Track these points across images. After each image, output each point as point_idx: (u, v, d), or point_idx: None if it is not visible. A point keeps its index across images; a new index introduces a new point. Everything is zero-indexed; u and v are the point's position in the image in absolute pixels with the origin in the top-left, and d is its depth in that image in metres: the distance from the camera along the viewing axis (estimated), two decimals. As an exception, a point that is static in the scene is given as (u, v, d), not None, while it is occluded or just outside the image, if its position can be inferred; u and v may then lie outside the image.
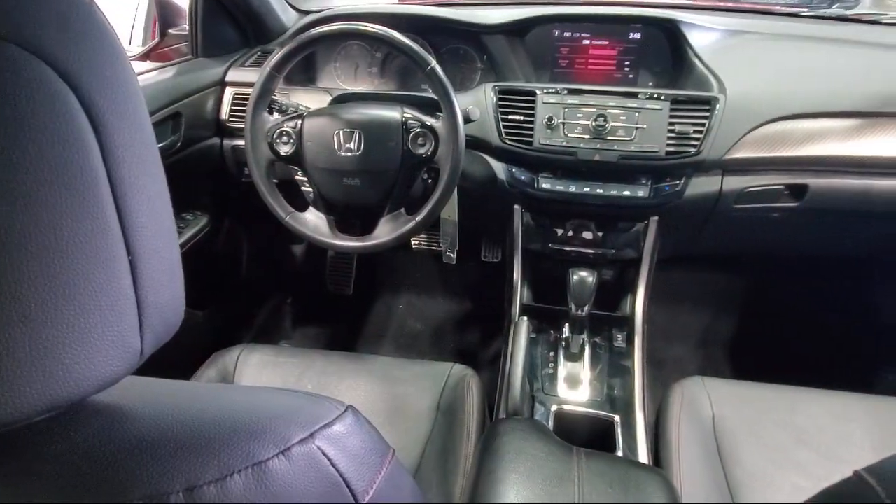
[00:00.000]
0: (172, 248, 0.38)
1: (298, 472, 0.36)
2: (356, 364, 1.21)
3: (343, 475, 0.38)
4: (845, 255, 1.59)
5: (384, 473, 0.43)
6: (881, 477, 0.41)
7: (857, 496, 0.42)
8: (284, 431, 0.37)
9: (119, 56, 0.35)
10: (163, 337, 0.38)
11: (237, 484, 0.33)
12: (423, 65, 1.08)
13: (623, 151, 1.20)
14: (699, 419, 1.07)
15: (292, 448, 0.36)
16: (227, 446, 0.34)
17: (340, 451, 0.39)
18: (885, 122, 1.19)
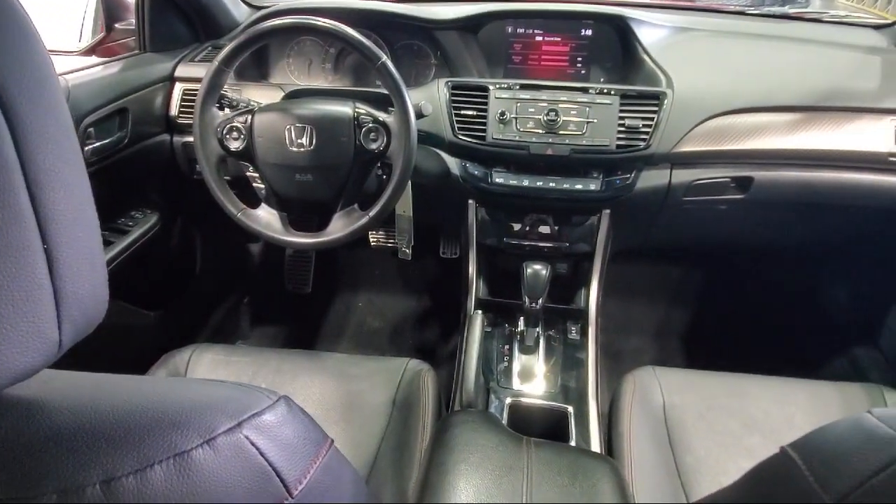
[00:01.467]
0: (93, 238, 0.37)
1: (224, 461, 0.35)
2: (311, 362, 1.19)
3: (273, 465, 0.38)
4: (791, 246, 1.63)
5: (320, 464, 0.42)
6: (802, 451, 0.42)
7: (782, 470, 0.43)
8: (210, 421, 0.36)
9: (31, 39, 0.34)
10: (84, 329, 0.36)
11: (157, 475, 0.32)
12: (373, 59, 1.07)
13: (575, 145, 1.21)
14: (650, 408, 1.09)
15: (218, 438, 0.35)
16: (148, 437, 0.34)
17: (271, 440, 0.38)
18: (824, 117, 1.23)
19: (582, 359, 1.30)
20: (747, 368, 1.18)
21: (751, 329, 1.82)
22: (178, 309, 1.64)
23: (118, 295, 1.41)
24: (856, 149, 1.22)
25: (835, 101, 1.24)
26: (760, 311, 1.84)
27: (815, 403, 1.08)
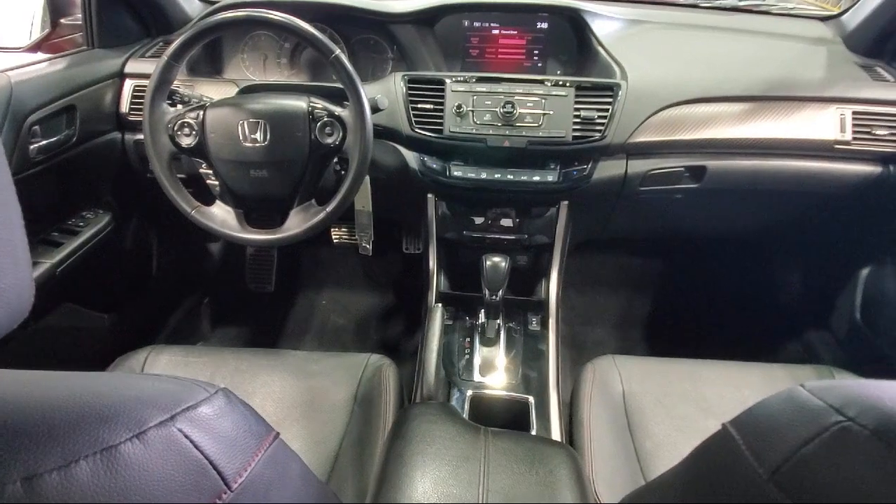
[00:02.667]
0: (15, 232, 0.36)
1: (156, 455, 0.34)
2: (270, 360, 1.18)
3: (210, 458, 0.37)
4: (745, 233, 1.67)
5: (262, 456, 0.42)
6: (740, 426, 0.43)
7: (722, 446, 0.44)
8: (141, 415, 0.35)
9: None
10: (7, 324, 0.35)
11: (83, 471, 0.31)
12: (326, 53, 1.06)
13: (531, 137, 1.22)
14: (610, 396, 1.10)
15: (148, 431, 0.34)
16: (73, 433, 0.33)
17: (207, 433, 0.38)
18: (773, 106, 1.26)
19: (543, 350, 1.31)
20: (705, 354, 1.20)
21: (709, 316, 1.85)
22: (135, 311, 1.60)
23: (69, 297, 1.37)
24: (803, 137, 1.25)
25: (783, 90, 1.27)
26: (718, 298, 1.88)
27: (767, 385, 1.11)
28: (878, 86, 1.27)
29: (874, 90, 1.26)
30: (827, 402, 0.38)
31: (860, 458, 0.34)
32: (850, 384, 0.39)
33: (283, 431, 1.09)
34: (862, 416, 0.35)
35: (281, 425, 1.06)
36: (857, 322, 1.44)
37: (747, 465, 0.40)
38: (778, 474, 0.37)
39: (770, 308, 1.79)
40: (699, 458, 0.48)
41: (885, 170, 1.26)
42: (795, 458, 0.37)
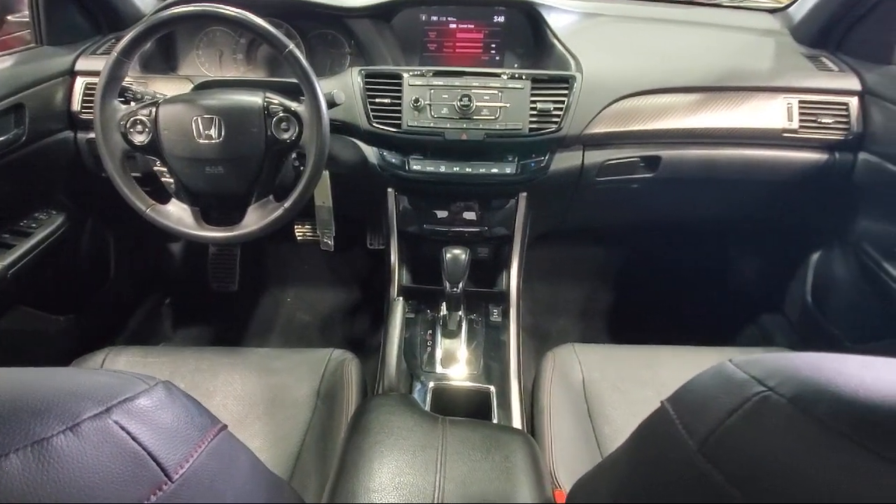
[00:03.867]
0: None
1: (90, 448, 0.34)
2: (232, 358, 1.17)
3: (148, 450, 0.37)
4: (701, 222, 1.71)
5: (206, 448, 0.42)
6: (674, 402, 0.45)
7: (659, 421, 0.45)
8: (74, 407, 0.35)
9: None
10: None
11: (13, 464, 0.31)
12: (280, 48, 1.06)
13: (488, 130, 1.23)
14: (570, 383, 1.12)
15: (82, 424, 0.34)
16: (4, 426, 0.32)
17: (145, 425, 0.38)
18: (723, 96, 1.29)
19: (504, 340, 1.32)
20: (665, 340, 1.23)
21: (668, 302, 1.89)
22: (92, 312, 1.57)
23: (22, 300, 1.34)
24: (753, 126, 1.28)
25: (733, 81, 1.30)
26: (677, 285, 1.92)
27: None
28: (823, 75, 1.31)
29: (819, 80, 1.30)
30: (750, 375, 0.40)
31: (778, 426, 0.36)
32: (773, 357, 0.41)
33: (244, 429, 1.08)
34: (781, 386, 0.37)
35: (242, 423, 1.05)
36: (808, 305, 1.49)
37: (680, 438, 0.41)
38: (706, 445, 0.39)
39: (727, 294, 1.84)
40: (641, 436, 0.49)
41: (831, 157, 1.30)
42: (721, 430, 0.38)
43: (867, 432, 0.32)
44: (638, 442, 0.50)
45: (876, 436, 0.32)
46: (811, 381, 0.36)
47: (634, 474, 0.49)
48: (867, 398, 0.34)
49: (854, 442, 0.33)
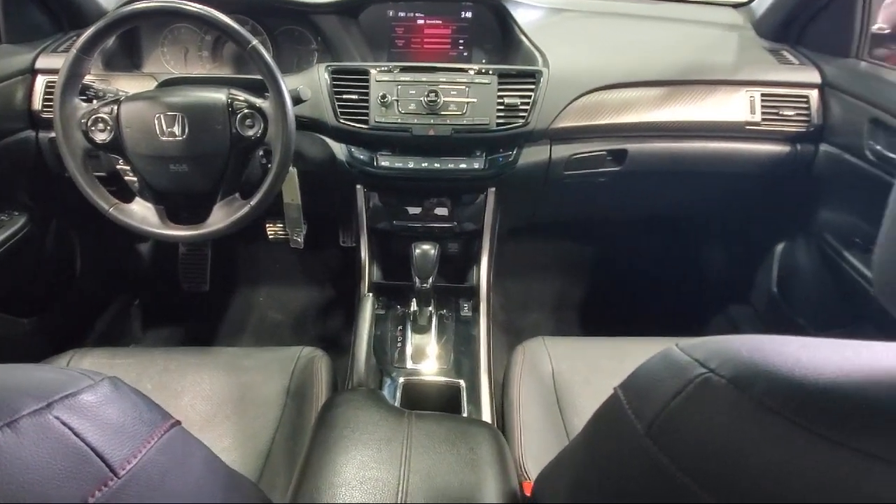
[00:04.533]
0: None
1: (30, 444, 0.33)
2: (200, 358, 1.16)
3: (92, 446, 0.36)
4: (668, 214, 1.73)
5: (156, 443, 0.41)
6: (625, 387, 0.45)
7: (611, 407, 0.46)
8: (13, 403, 0.34)
9: None
10: None
11: None
12: (243, 43, 1.05)
13: (456, 125, 1.23)
14: (540, 376, 1.13)
15: (21, 420, 0.34)
16: None
17: (88, 421, 0.37)
18: (688, 90, 1.30)
19: (475, 335, 1.33)
20: (636, 332, 1.24)
21: (639, 294, 1.91)
22: (58, 315, 1.54)
23: None
24: (717, 119, 1.30)
25: (697, 75, 1.31)
26: (648, 277, 1.94)
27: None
28: (784, 69, 1.33)
29: (780, 73, 1.32)
30: (693, 357, 0.40)
31: (718, 406, 0.37)
32: (716, 339, 0.42)
33: (213, 428, 1.08)
34: (721, 367, 0.38)
35: (211, 422, 1.04)
36: (774, 295, 1.52)
37: (629, 422, 0.42)
38: (652, 428, 0.39)
39: (696, 284, 1.86)
40: (595, 423, 0.50)
41: (793, 149, 1.32)
42: (665, 412, 0.39)
43: (800, 409, 0.33)
44: (593, 429, 0.50)
45: (808, 412, 0.33)
46: (750, 362, 0.37)
47: (590, 461, 0.50)
48: (802, 376, 0.35)
49: (787, 419, 0.33)
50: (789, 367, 0.35)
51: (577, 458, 0.54)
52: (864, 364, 0.35)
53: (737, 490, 0.34)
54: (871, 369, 0.35)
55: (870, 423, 0.32)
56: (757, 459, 0.34)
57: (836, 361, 0.35)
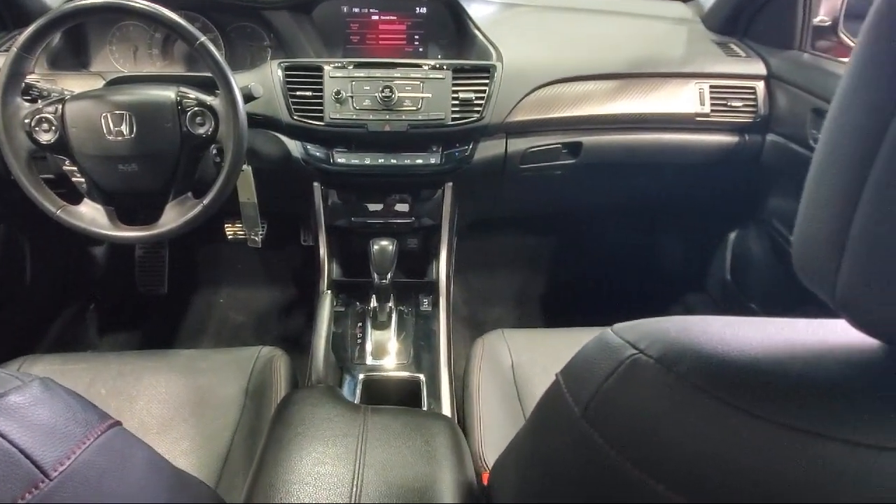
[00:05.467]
0: None
1: None
2: (156, 361, 1.14)
3: (21, 447, 0.36)
4: (625, 205, 1.76)
5: (91, 444, 0.41)
6: (564, 372, 0.46)
7: (552, 392, 0.47)
8: None
9: None
10: None
11: None
12: (191, 40, 1.03)
13: (411, 121, 1.23)
14: (499, 368, 1.14)
15: None
16: None
17: (16, 423, 0.36)
18: (639, 82, 1.33)
19: (434, 329, 1.33)
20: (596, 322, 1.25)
21: (600, 285, 1.94)
22: (7, 322, 1.50)
23: None
24: (667, 111, 1.33)
25: (648, 67, 1.34)
26: (607, 268, 1.97)
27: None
28: (732, 61, 1.37)
29: (728, 65, 1.36)
30: (625, 339, 0.41)
31: (647, 385, 0.38)
32: (648, 321, 0.43)
33: (170, 432, 1.06)
34: (650, 348, 0.39)
35: (168, 426, 1.03)
36: (728, 282, 1.56)
37: (567, 406, 0.42)
38: (588, 410, 0.40)
39: (654, 274, 1.90)
40: (539, 409, 0.51)
41: (742, 139, 1.36)
42: (599, 394, 0.40)
43: (722, 385, 0.34)
44: (536, 416, 0.51)
45: (729, 388, 0.34)
46: (676, 342, 0.38)
47: (535, 447, 0.51)
48: (724, 354, 0.36)
49: (710, 395, 0.34)
50: (713, 346, 0.36)
51: (525, 445, 0.55)
52: (783, 340, 0.37)
53: (664, 465, 0.35)
54: (788, 345, 0.36)
55: (785, 395, 0.33)
56: (682, 435, 0.35)
57: (757, 339, 0.37)
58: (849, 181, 0.33)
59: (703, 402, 0.35)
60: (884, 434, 0.31)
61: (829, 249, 0.34)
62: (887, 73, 0.30)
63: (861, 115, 0.32)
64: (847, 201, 0.33)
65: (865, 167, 0.31)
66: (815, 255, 0.36)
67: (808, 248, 0.36)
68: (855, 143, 0.32)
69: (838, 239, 0.33)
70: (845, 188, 0.33)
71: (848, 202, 0.33)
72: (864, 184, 0.32)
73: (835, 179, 0.34)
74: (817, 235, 0.35)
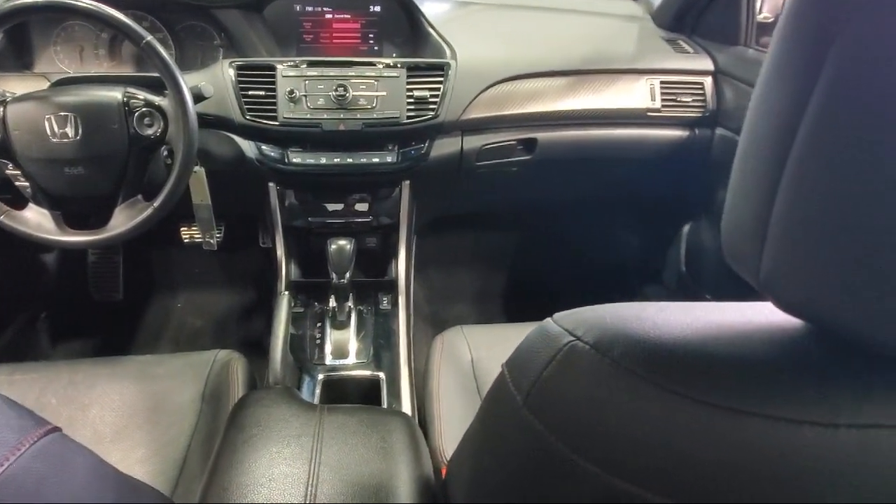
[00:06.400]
0: None
1: None
2: (109, 369, 1.12)
3: None
4: (581, 200, 1.78)
5: (27, 451, 0.40)
6: (508, 362, 0.47)
7: (498, 383, 0.47)
8: None
9: None
10: None
11: None
12: (137, 39, 1.01)
13: (366, 119, 1.23)
14: (459, 364, 1.14)
15: None
16: None
17: None
18: (592, 79, 1.35)
19: (394, 328, 1.33)
20: None
21: (559, 279, 1.96)
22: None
23: None
24: (620, 107, 1.35)
25: (600, 64, 1.36)
26: (566, 262, 1.99)
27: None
28: (681, 57, 1.40)
29: (677, 61, 1.39)
30: (563, 327, 0.42)
31: (583, 371, 0.38)
32: (585, 309, 0.44)
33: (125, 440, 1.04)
34: (586, 334, 0.40)
35: (122, 434, 1.01)
36: (682, 273, 1.59)
37: (511, 395, 0.43)
38: (529, 398, 0.41)
39: (613, 267, 1.93)
40: (487, 401, 0.51)
41: (692, 133, 1.39)
42: (539, 382, 0.40)
43: (652, 367, 0.35)
44: (485, 407, 0.52)
45: (659, 370, 0.35)
46: (611, 327, 0.39)
47: (483, 438, 0.51)
48: (655, 337, 0.37)
49: (641, 377, 0.35)
50: (645, 330, 0.37)
51: (476, 437, 0.55)
52: (711, 323, 0.38)
53: (599, 449, 0.36)
54: (716, 327, 0.37)
55: (711, 375, 0.35)
56: (616, 418, 0.36)
57: (686, 322, 0.38)
58: (769, 167, 0.34)
59: (635, 385, 0.35)
60: (801, 408, 0.32)
61: (752, 234, 0.35)
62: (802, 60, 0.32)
63: (779, 102, 0.33)
64: (768, 187, 0.34)
65: (784, 153, 0.33)
66: (740, 240, 0.37)
67: (735, 234, 0.38)
68: (774, 131, 0.34)
69: (761, 224, 0.34)
70: (766, 174, 0.34)
71: (769, 188, 0.34)
72: (783, 169, 0.33)
73: (756, 166, 0.35)
74: (742, 221, 0.37)
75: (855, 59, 0.29)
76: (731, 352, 0.36)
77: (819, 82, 0.30)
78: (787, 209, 0.33)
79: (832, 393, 0.33)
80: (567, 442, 0.38)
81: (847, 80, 0.29)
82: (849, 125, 0.29)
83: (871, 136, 0.29)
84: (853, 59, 0.29)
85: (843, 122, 0.30)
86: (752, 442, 0.33)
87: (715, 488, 0.34)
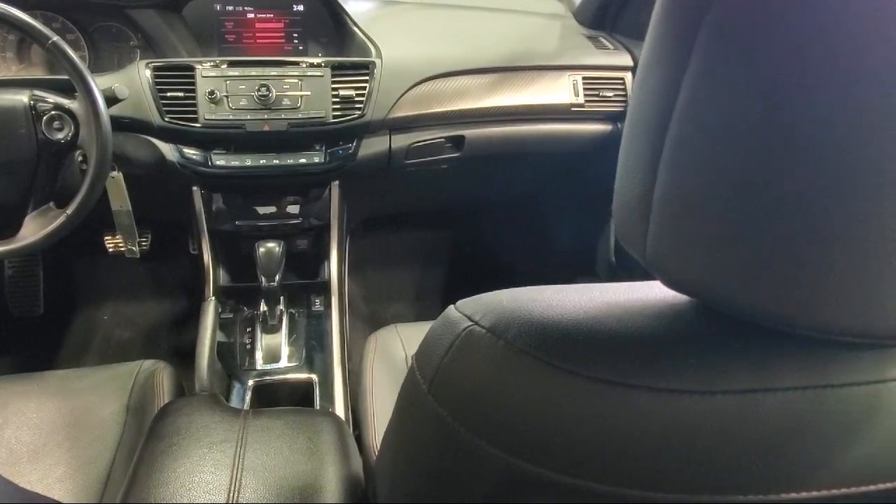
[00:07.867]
0: None
1: None
2: (25, 385, 1.06)
3: None
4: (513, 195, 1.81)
5: None
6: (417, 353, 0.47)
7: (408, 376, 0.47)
8: None
9: None
10: None
11: None
12: (42, 40, 0.97)
13: (291, 119, 1.21)
14: (393, 363, 1.14)
15: None
16: None
17: None
18: (516, 76, 1.37)
19: (327, 329, 1.32)
20: None
21: (495, 275, 1.98)
22: None
23: None
24: (544, 102, 1.37)
25: (524, 61, 1.38)
26: (503, 257, 2.02)
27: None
28: (602, 53, 1.44)
29: (598, 57, 1.42)
30: (463, 313, 0.43)
31: (480, 354, 0.39)
32: (485, 295, 0.44)
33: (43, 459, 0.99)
34: (483, 319, 0.40)
35: (40, 453, 0.96)
36: (612, 264, 1.63)
37: (417, 384, 0.43)
38: (433, 385, 0.41)
39: (547, 261, 1.96)
40: (399, 392, 0.51)
41: (615, 127, 1.43)
42: (441, 368, 0.41)
43: (544, 347, 0.36)
44: (398, 400, 0.52)
45: (551, 349, 0.36)
46: (507, 310, 0.40)
47: (398, 429, 0.52)
48: (548, 318, 0.38)
49: (535, 357, 0.36)
50: (539, 311, 0.38)
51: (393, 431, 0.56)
52: (602, 302, 0.39)
53: (499, 431, 0.37)
54: (607, 305, 0.39)
55: (600, 352, 0.36)
56: (512, 399, 0.37)
57: (580, 302, 0.39)
58: (650, 146, 0.35)
59: (529, 365, 0.36)
60: (682, 379, 0.34)
61: (638, 213, 0.36)
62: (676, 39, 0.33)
63: (657, 82, 0.35)
64: (649, 168, 0.35)
65: (662, 133, 0.34)
66: (628, 220, 0.38)
67: (623, 215, 0.39)
68: (652, 110, 0.35)
69: (645, 202, 0.36)
70: (647, 156, 0.35)
71: (650, 168, 0.35)
72: (661, 150, 0.34)
73: (639, 146, 0.37)
74: (628, 202, 0.38)
75: (725, 34, 0.30)
76: (619, 329, 0.37)
77: (692, 59, 0.31)
78: (666, 189, 0.34)
79: (710, 363, 0.35)
80: (469, 426, 0.38)
81: (717, 54, 0.30)
82: (721, 101, 0.30)
83: (742, 110, 0.30)
84: (723, 34, 0.30)
85: (716, 99, 0.30)
86: (640, 413, 0.34)
87: (610, 461, 0.35)
